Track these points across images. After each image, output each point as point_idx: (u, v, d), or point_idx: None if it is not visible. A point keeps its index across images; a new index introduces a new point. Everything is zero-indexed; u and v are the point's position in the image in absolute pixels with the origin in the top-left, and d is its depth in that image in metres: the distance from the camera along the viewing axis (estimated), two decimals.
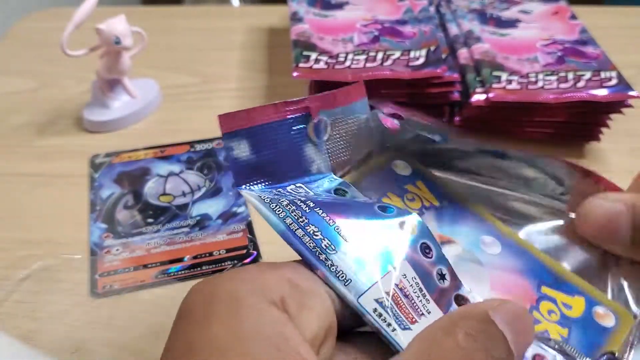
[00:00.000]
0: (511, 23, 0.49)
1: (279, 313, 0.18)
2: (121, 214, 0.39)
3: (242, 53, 0.56)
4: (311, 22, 0.48)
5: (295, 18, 0.48)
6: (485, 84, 0.42)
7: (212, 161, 0.43)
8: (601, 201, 0.24)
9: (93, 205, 0.40)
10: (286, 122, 0.23)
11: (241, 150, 0.22)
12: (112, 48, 0.44)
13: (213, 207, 0.39)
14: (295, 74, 0.42)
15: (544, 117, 0.42)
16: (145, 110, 0.48)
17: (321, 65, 0.42)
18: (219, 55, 0.56)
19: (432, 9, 0.50)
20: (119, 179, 0.42)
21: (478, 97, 0.41)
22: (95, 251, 0.36)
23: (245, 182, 0.23)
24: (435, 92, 0.42)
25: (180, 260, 0.36)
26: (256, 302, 0.18)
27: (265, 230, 0.37)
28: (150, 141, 0.45)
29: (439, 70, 0.41)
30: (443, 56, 0.43)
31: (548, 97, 0.40)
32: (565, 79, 0.42)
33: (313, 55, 0.43)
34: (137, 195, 0.40)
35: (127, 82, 0.47)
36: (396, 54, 0.43)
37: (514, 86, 0.41)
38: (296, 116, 0.23)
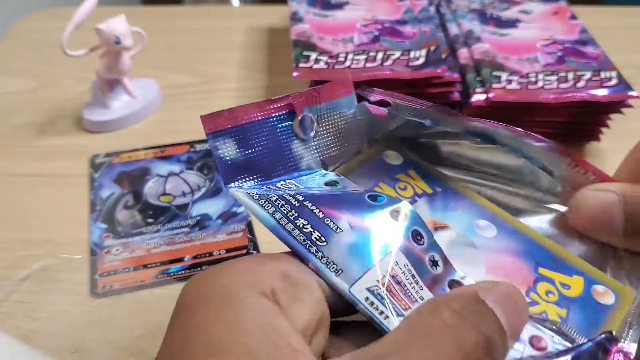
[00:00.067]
0: (511, 23, 0.49)
1: (270, 304, 0.18)
2: (121, 214, 0.39)
3: (242, 53, 0.56)
4: (311, 22, 0.48)
5: (295, 18, 0.48)
6: (485, 84, 0.42)
7: (212, 161, 0.43)
8: (592, 192, 0.24)
9: (93, 205, 0.40)
10: (271, 120, 0.23)
11: (227, 149, 0.23)
12: (112, 48, 0.44)
13: (213, 207, 0.39)
14: (295, 74, 0.42)
15: (544, 117, 0.42)
16: (145, 110, 0.48)
17: (321, 65, 0.42)
18: (219, 55, 0.56)
19: (432, 9, 0.50)
20: (119, 179, 0.42)
21: (478, 97, 0.41)
22: (95, 251, 0.36)
23: (233, 180, 0.23)
24: (435, 92, 0.42)
25: (180, 260, 0.36)
26: (248, 295, 0.18)
27: (265, 230, 0.36)
28: (150, 141, 0.45)
29: (439, 70, 0.41)
30: (443, 56, 0.43)
31: (548, 97, 0.40)
32: (565, 79, 0.42)
33: (313, 55, 0.43)
34: (137, 195, 0.40)
35: (127, 82, 0.47)
36: (396, 54, 0.43)
37: (514, 86, 0.41)
38: (280, 113, 0.23)
